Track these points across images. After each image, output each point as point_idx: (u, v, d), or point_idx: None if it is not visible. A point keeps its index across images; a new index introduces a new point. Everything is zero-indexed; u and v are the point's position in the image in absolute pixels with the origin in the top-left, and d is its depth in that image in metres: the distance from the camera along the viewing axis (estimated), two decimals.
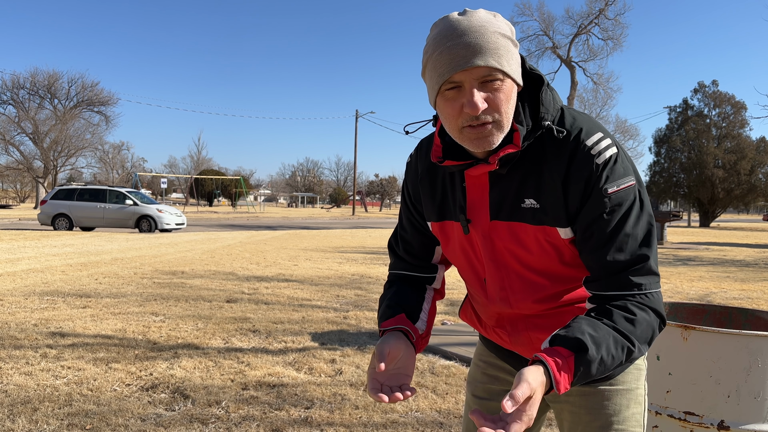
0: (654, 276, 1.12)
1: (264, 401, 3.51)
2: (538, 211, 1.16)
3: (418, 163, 1.35)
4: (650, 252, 1.12)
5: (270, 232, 21.44)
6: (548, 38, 41.47)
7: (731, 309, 2.50)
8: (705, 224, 42.44)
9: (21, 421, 3.11)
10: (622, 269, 1.11)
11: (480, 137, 1.10)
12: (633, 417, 1.29)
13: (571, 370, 1.01)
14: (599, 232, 1.12)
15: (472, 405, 1.48)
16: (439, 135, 1.25)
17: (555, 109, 1.18)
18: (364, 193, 79.94)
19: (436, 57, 1.09)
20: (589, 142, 1.13)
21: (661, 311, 1.11)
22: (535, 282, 1.23)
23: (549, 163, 1.15)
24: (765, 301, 7.67)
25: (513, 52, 1.11)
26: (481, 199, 1.22)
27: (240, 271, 9.64)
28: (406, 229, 1.39)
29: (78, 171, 63.71)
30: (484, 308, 1.34)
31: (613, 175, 1.12)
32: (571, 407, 1.33)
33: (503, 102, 1.09)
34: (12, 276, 8.44)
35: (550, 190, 1.15)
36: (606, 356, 1.04)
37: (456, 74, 1.07)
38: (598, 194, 1.11)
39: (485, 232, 1.23)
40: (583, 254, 1.16)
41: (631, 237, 1.11)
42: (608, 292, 1.12)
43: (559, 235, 1.16)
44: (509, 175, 1.18)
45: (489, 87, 1.08)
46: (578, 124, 1.15)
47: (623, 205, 1.12)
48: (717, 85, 42.92)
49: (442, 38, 1.08)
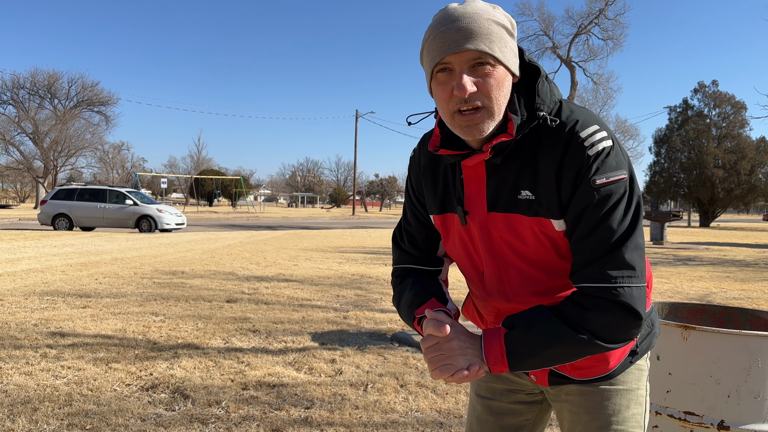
0: (629, 269, 1.10)
1: (264, 401, 3.51)
2: (534, 203, 1.17)
3: (421, 156, 1.36)
4: (631, 246, 1.10)
5: (270, 232, 21.44)
6: (548, 38, 41.48)
7: (731, 309, 2.50)
8: (705, 224, 42.43)
9: (21, 421, 3.11)
10: (597, 260, 1.10)
11: (470, 124, 1.11)
12: (633, 417, 1.29)
13: (501, 344, 1.13)
14: (584, 223, 1.12)
15: (476, 404, 1.48)
16: (438, 125, 1.27)
17: (552, 101, 1.18)
18: (364, 193, 79.96)
19: (431, 42, 1.12)
20: (583, 134, 1.13)
21: (632, 305, 1.09)
22: (533, 275, 1.23)
23: (544, 153, 1.15)
24: (765, 301, 7.67)
25: (507, 41, 1.12)
26: (478, 190, 1.23)
27: (240, 271, 9.64)
28: (411, 223, 1.40)
29: (78, 171, 63.78)
30: (483, 303, 1.34)
31: (604, 167, 1.11)
32: (570, 406, 1.33)
33: (493, 87, 1.10)
34: (12, 276, 8.44)
35: (545, 181, 1.15)
36: (540, 335, 1.11)
37: (447, 57, 1.09)
38: (587, 185, 1.11)
39: (482, 223, 1.23)
40: (571, 245, 1.16)
41: (613, 230, 1.10)
42: (582, 284, 1.12)
43: (554, 227, 1.17)
44: (506, 166, 1.19)
45: (479, 71, 1.10)
46: (575, 116, 1.16)
47: (611, 198, 1.11)
48: (717, 85, 42.93)
49: (437, 24, 1.12)
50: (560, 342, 1.10)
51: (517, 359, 1.13)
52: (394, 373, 4.10)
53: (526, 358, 1.12)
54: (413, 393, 3.70)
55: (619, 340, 1.11)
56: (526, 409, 1.43)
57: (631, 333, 1.11)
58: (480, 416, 1.46)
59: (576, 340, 1.10)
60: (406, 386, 3.83)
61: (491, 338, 1.14)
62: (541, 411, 1.45)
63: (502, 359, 1.13)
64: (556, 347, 1.11)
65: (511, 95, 1.16)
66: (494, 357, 1.13)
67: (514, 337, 1.12)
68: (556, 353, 1.12)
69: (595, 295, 1.10)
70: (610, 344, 1.11)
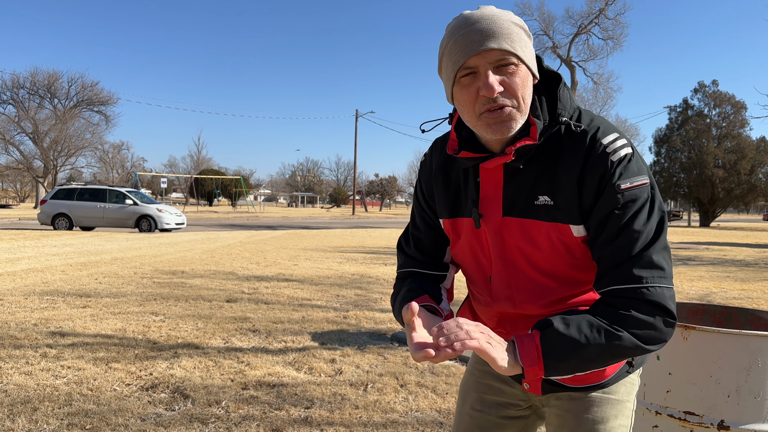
0: (658, 270, 1.09)
1: (264, 401, 3.51)
2: (552, 208, 1.16)
3: (433, 161, 1.36)
4: (658, 248, 1.11)
5: (270, 232, 21.44)
6: (548, 38, 41.47)
7: (731, 309, 2.50)
8: (705, 224, 42.43)
9: (21, 421, 3.11)
10: (625, 262, 1.10)
11: (499, 121, 1.10)
12: (619, 428, 1.28)
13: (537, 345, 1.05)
14: (610, 227, 1.12)
15: (464, 415, 1.47)
16: (455, 130, 1.27)
17: (572, 107, 1.19)
18: (364, 193, 79.94)
19: (451, 46, 1.11)
20: (605, 141, 1.14)
21: (665, 305, 1.08)
22: (543, 284, 1.22)
23: (565, 159, 1.15)
24: (765, 301, 7.67)
25: (526, 42, 1.13)
26: (494, 194, 1.22)
27: (240, 270, 9.64)
28: (419, 227, 1.39)
29: (78, 171, 63.75)
30: (486, 308, 1.33)
31: (627, 172, 1.12)
32: (558, 411, 1.32)
33: (519, 86, 1.10)
34: (12, 276, 8.44)
35: (565, 186, 1.15)
36: (577, 335, 1.06)
37: (470, 59, 1.09)
38: (612, 190, 1.12)
39: (496, 228, 1.23)
40: (594, 251, 1.15)
41: (639, 233, 1.11)
42: (611, 286, 1.11)
43: (572, 232, 1.16)
44: (525, 170, 1.18)
45: (504, 71, 1.09)
46: (596, 124, 1.17)
47: (636, 202, 1.12)
48: (717, 84, 42.93)
49: (456, 29, 1.11)
50: (599, 342, 1.06)
51: (553, 360, 1.05)
52: (394, 372, 4.11)
53: (563, 359, 1.06)
54: (413, 393, 3.70)
55: (656, 340, 1.09)
56: (510, 423, 1.42)
57: (667, 333, 1.09)
58: (467, 428, 1.45)
59: (616, 339, 1.07)
60: (406, 386, 3.83)
61: (525, 340, 1.07)
62: (526, 426, 1.44)
63: (538, 361, 1.05)
64: (595, 347, 1.06)
65: (533, 100, 1.17)
66: (531, 358, 1.04)
67: (551, 337, 1.06)
68: (595, 354, 1.06)
69: (627, 296, 1.08)
70: (649, 345, 1.08)
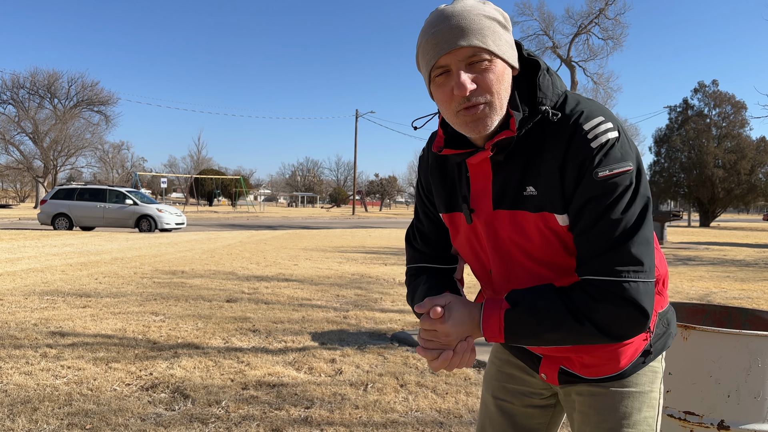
0: (637, 264, 1.07)
1: (264, 401, 3.51)
2: (537, 198, 1.15)
3: (429, 156, 1.36)
4: (638, 240, 1.08)
5: (270, 232, 21.44)
6: (548, 38, 41.52)
7: (731, 309, 2.50)
8: (705, 224, 42.41)
9: (21, 421, 3.11)
10: (604, 253, 1.08)
11: (474, 119, 1.10)
12: (644, 421, 1.26)
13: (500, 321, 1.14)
14: (587, 216, 1.10)
15: (489, 404, 1.47)
16: (441, 126, 1.26)
17: (555, 93, 1.15)
18: (364, 193, 79.95)
19: (424, 45, 1.11)
20: (587, 126, 1.10)
21: (639, 302, 1.07)
22: (540, 274, 1.21)
23: (549, 147, 1.13)
24: (765, 301, 7.67)
25: (501, 34, 1.11)
26: (484, 188, 1.22)
27: (240, 270, 9.64)
28: (423, 222, 1.40)
29: (78, 171, 63.73)
30: None
31: (607, 159, 1.08)
32: (580, 407, 1.31)
33: (493, 82, 1.08)
34: (12, 276, 8.44)
35: (549, 174, 1.13)
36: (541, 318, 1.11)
37: (442, 58, 1.08)
38: (590, 177, 1.09)
39: (488, 221, 1.22)
40: (574, 239, 1.14)
41: (618, 223, 1.08)
42: (589, 276, 1.10)
43: (558, 221, 1.15)
44: (511, 163, 1.17)
45: (477, 68, 1.08)
46: (579, 108, 1.13)
47: (615, 191, 1.08)
48: (717, 84, 42.91)
49: (428, 27, 1.11)
50: (560, 329, 1.10)
51: (513, 337, 1.14)
52: (394, 372, 4.10)
53: (523, 337, 1.13)
54: (413, 393, 3.70)
55: (622, 335, 1.09)
56: (539, 413, 1.42)
57: (636, 329, 1.09)
58: (493, 417, 1.45)
59: (576, 329, 1.09)
60: (406, 386, 3.83)
61: (491, 311, 1.15)
62: (555, 414, 1.44)
63: (499, 334, 1.14)
64: (554, 333, 1.11)
65: (511, 91, 1.15)
66: (491, 330, 1.14)
67: (515, 316, 1.13)
68: (554, 338, 1.12)
69: (603, 288, 1.07)
70: (613, 338, 1.09)
